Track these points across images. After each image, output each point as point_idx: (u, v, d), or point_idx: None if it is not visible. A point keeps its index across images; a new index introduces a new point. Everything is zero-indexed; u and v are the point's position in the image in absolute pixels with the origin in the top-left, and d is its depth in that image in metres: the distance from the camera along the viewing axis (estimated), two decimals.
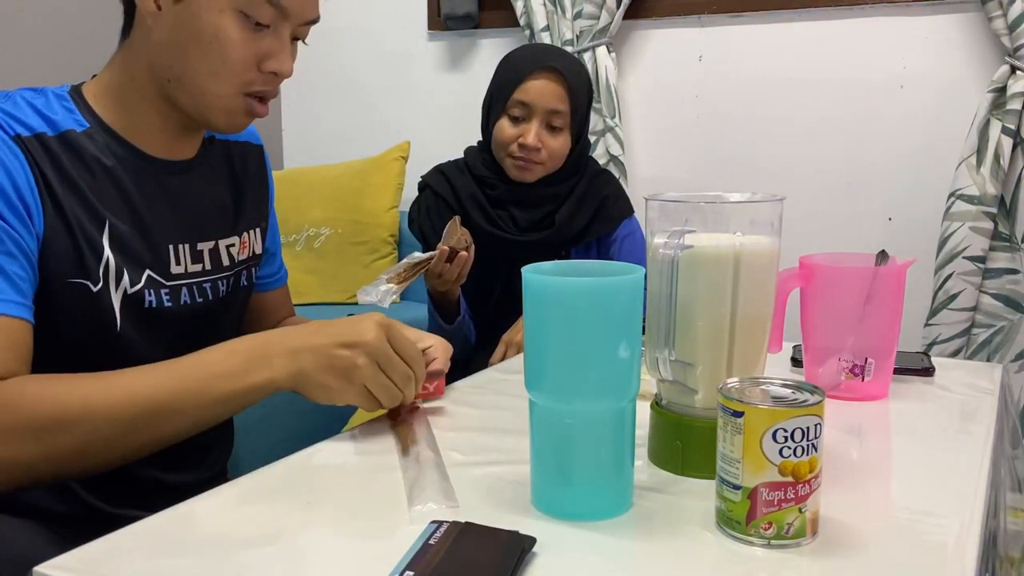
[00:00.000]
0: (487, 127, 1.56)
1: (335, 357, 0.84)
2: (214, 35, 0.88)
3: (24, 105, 0.89)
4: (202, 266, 1.00)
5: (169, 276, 0.96)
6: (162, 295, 0.95)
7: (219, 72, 0.90)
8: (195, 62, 0.89)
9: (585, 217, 1.56)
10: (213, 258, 1.02)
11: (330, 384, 0.84)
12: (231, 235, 1.05)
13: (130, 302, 0.92)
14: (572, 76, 1.50)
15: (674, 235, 0.77)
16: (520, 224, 1.54)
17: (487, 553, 0.62)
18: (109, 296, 0.90)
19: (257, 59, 0.91)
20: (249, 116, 0.95)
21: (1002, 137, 1.96)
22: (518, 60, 1.53)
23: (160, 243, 0.95)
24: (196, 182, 1.01)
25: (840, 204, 2.24)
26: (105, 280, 0.89)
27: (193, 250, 0.99)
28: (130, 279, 0.92)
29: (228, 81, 0.90)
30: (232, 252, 1.05)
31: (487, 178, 1.55)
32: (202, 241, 1.00)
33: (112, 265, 0.90)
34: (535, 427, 0.73)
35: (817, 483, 0.67)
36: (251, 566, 0.64)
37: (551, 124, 1.49)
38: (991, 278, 2.05)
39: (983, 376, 1.16)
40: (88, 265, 0.88)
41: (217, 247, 1.03)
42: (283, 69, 0.93)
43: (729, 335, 0.80)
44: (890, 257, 1.05)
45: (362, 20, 2.79)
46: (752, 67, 2.29)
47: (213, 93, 0.91)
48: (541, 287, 0.70)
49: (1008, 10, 1.94)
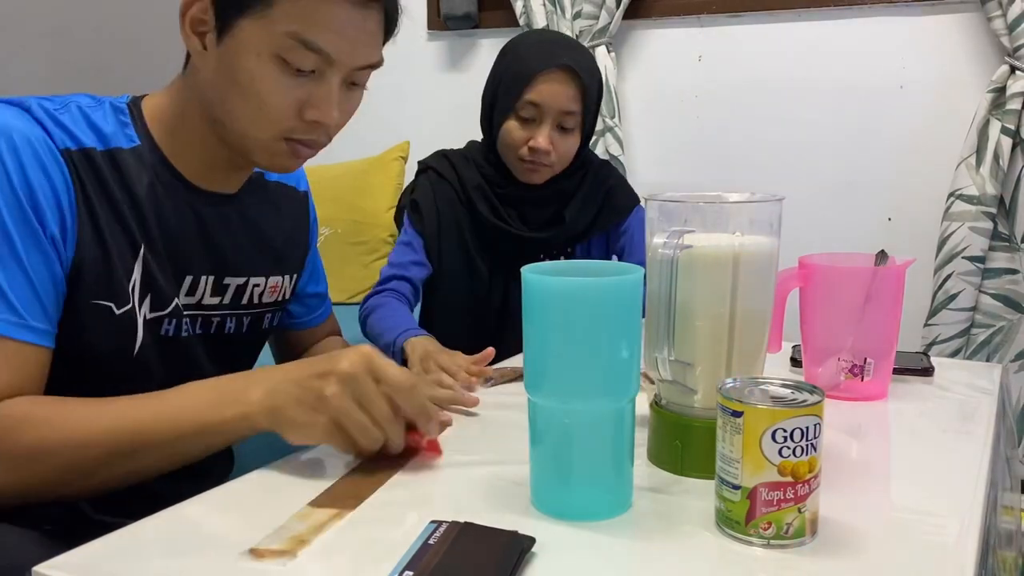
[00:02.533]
0: (490, 124, 1.48)
1: (305, 388, 0.77)
2: (251, 80, 0.85)
3: (78, 115, 0.87)
4: (220, 299, 0.99)
5: (180, 305, 0.95)
6: (180, 323, 0.95)
7: (256, 118, 0.87)
8: (234, 105, 0.87)
9: (592, 211, 1.52)
10: (236, 294, 1.01)
11: (298, 418, 0.77)
12: (262, 276, 1.04)
13: (151, 326, 0.91)
14: (586, 74, 1.41)
15: (673, 235, 0.77)
16: (528, 221, 1.51)
17: (486, 553, 0.62)
18: (134, 319, 0.89)
19: (298, 106, 0.87)
20: (294, 159, 0.92)
21: (1001, 137, 1.96)
22: (526, 54, 1.43)
23: (182, 271, 0.94)
24: (234, 216, 1.00)
25: (840, 204, 2.24)
26: (132, 302, 0.88)
27: (218, 283, 0.98)
28: (151, 304, 0.91)
29: (266, 127, 0.88)
30: (256, 292, 1.03)
31: (492, 176, 1.50)
32: (230, 276, 0.99)
33: (138, 288, 0.89)
34: (535, 427, 0.73)
35: (816, 483, 0.67)
36: (251, 566, 0.64)
37: (562, 125, 1.42)
38: (990, 278, 2.05)
39: (982, 376, 1.16)
40: (116, 287, 0.87)
41: (246, 284, 1.02)
42: (324, 118, 0.88)
43: (728, 335, 0.80)
44: (889, 257, 1.05)
45: None
46: (752, 67, 2.29)
47: (253, 137, 0.89)
48: (541, 287, 0.70)
49: (1008, 10, 1.94)
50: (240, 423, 0.79)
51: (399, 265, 1.49)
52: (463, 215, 1.51)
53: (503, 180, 1.49)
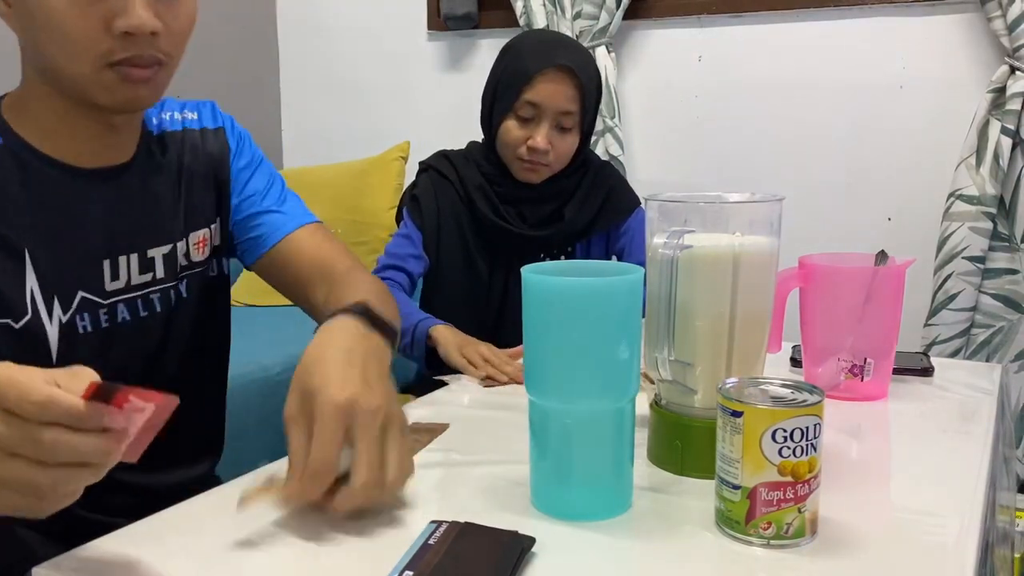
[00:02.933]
0: (490, 123, 1.49)
1: None
2: (46, 13, 0.78)
3: None
4: (153, 274, 0.93)
5: (104, 294, 0.89)
6: (100, 316, 0.88)
7: (68, 51, 0.80)
8: (47, 48, 0.81)
9: (592, 210, 1.53)
10: (168, 264, 0.95)
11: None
12: (186, 235, 0.97)
13: (66, 331, 0.85)
14: (584, 73, 1.42)
15: (673, 235, 0.77)
16: (528, 220, 1.51)
17: (487, 553, 0.62)
18: (42, 327, 0.83)
19: (103, 23, 0.79)
20: (130, 84, 0.83)
21: (1001, 137, 1.96)
22: (525, 54, 1.44)
23: (93, 259, 0.88)
24: (135, 186, 0.92)
25: (840, 204, 2.24)
26: (35, 312, 0.83)
27: (143, 259, 0.92)
28: (62, 306, 0.85)
29: (81, 57, 0.80)
30: (181, 254, 0.97)
31: (492, 175, 1.51)
32: (152, 247, 0.93)
33: (39, 296, 0.83)
34: (535, 427, 0.73)
35: (816, 483, 0.67)
36: (251, 566, 0.64)
37: (561, 125, 1.43)
38: (990, 278, 2.05)
39: (982, 376, 1.16)
40: (8, 302, 0.81)
41: (173, 251, 0.95)
42: (133, 23, 0.79)
43: (728, 335, 0.80)
44: (889, 257, 1.05)
45: (362, 20, 2.79)
46: (752, 68, 2.29)
47: (77, 73, 0.81)
48: (541, 287, 0.70)
49: (1007, 10, 1.94)
50: None
51: (397, 256, 1.49)
52: (463, 213, 1.51)
53: (503, 179, 1.50)
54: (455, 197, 1.52)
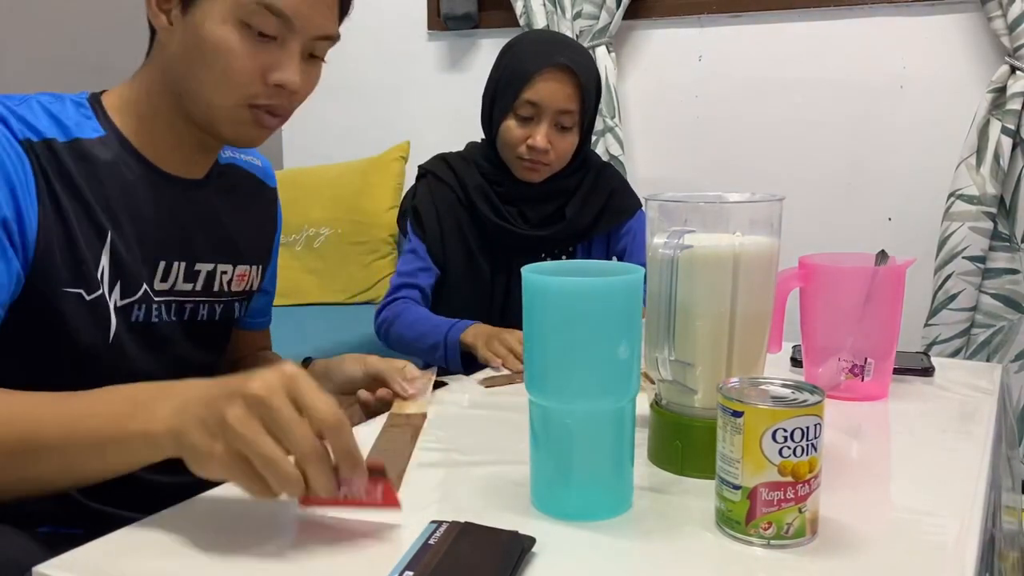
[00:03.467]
0: (490, 122, 1.50)
1: (210, 409, 0.64)
2: (215, 46, 0.87)
3: (39, 109, 0.88)
4: (193, 286, 0.99)
5: (153, 291, 0.95)
6: (151, 309, 0.95)
7: (221, 84, 0.89)
8: (200, 74, 0.89)
9: (593, 211, 1.53)
10: (207, 281, 1.01)
11: (198, 445, 0.64)
12: (229, 263, 1.04)
13: (122, 313, 0.91)
14: (583, 72, 1.43)
15: (673, 235, 0.77)
16: (529, 219, 1.52)
17: (487, 553, 0.62)
18: (106, 305, 0.89)
19: (262, 71, 0.90)
20: (258, 128, 0.93)
21: (1002, 137, 1.96)
22: (525, 54, 1.45)
23: (152, 257, 0.94)
24: (203, 202, 1.00)
25: (840, 204, 2.24)
26: (101, 288, 0.89)
27: (189, 269, 0.98)
28: (122, 291, 0.91)
29: (231, 93, 0.89)
30: (225, 280, 1.04)
31: (492, 175, 1.51)
32: (200, 262, 1.00)
33: (107, 275, 0.89)
34: (535, 427, 0.73)
35: (817, 483, 0.67)
36: (251, 566, 0.64)
37: (560, 124, 1.44)
38: (991, 278, 2.05)
39: (983, 376, 1.16)
40: (86, 273, 0.87)
41: (215, 271, 1.02)
42: (287, 80, 0.90)
43: (728, 335, 0.80)
44: (890, 257, 1.05)
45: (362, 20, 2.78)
46: (752, 67, 2.29)
47: (218, 105, 0.90)
48: (541, 287, 0.70)
49: (1008, 10, 1.94)
50: (141, 442, 0.67)
51: (407, 274, 1.51)
52: (463, 216, 1.52)
53: (503, 179, 1.50)
54: (454, 200, 1.52)
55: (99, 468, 0.71)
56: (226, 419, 0.62)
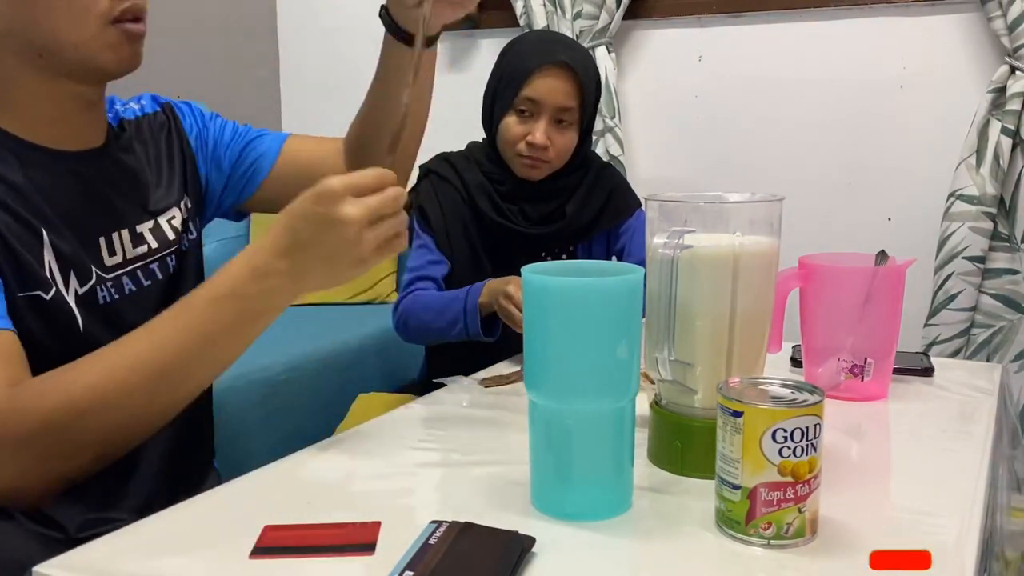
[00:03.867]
0: (490, 121, 1.52)
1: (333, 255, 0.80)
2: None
3: None
4: (147, 247, 0.97)
5: (106, 268, 0.93)
6: (109, 288, 0.93)
7: (74, 16, 0.84)
8: (46, 23, 0.84)
9: (594, 209, 1.54)
10: (158, 236, 0.99)
11: (342, 274, 0.81)
12: (170, 208, 1.02)
13: (85, 300, 0.90)
14: (582, 70, 1.45)
15: (674, 235, 0.77)
16: (530, 217, 1.52)
17: (487, 553, 0.62)
18: (64, 300, 0.88)
19: None
20: (130, 41, 0.88)
21: (1002, 137, 1.96)
22: (525, 52, 1.47)
23: (90, 237, 0.92)
24: (113, 166, 0.97)
25: (840, 204, 2.24)
26: (56, 286, 0.87)
27: (133, 234, 0.96)
28: (78, 279, 0.89)
29: (85, 20, 0.84)
30: (175, 224, 1.02)
31: (494, 174, 1.53)
32: (140, 223, 0.97)
33: (57, 270, 0.87)
34: (535, 427, 0.73)
35: (816, 483, 0.67)
36: (251, 566, 0.64)
37: (560, 121, 1.45)
38: (991, 278, 2.05)
39: (982, 376, 1.16)
40: (35, 275, 0.85)
41: (158, 224, 1.00)
42: None
43: (728, 335, 0.80)
44: (890, 257, 1.05)
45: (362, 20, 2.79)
46: (752, 67, 2.29)
47: (82, 40, 0.85)
48: (541, 287, 0.70)
49: (1008, 10, 1.94)
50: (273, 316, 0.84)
51: (419, 268, 1.52)
52: (467, 213, 1.53)
53: (505, 177, 1.51)
54: (457, 198, 1.53)
55: (238, 355, 0.85)
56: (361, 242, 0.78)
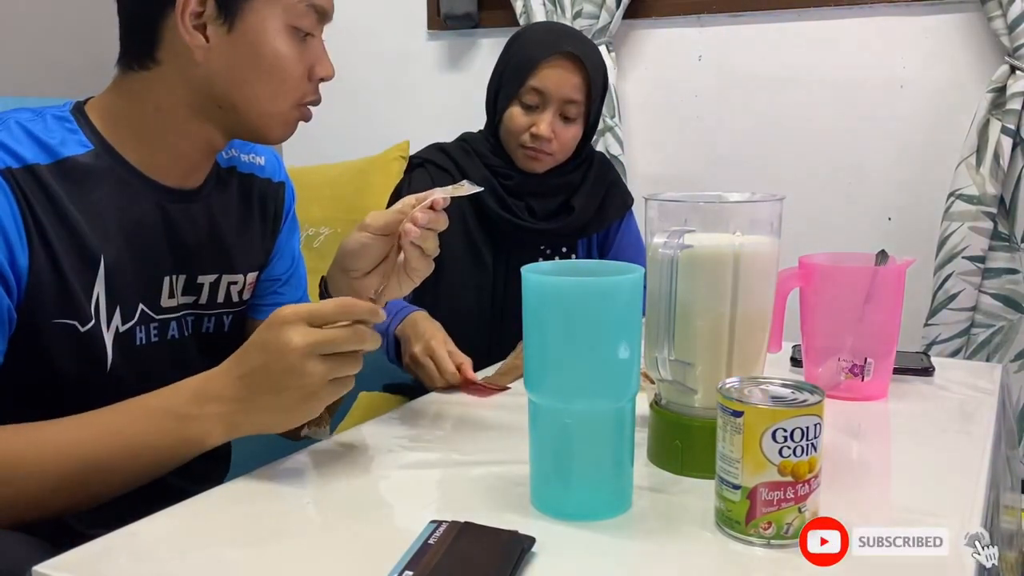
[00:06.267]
0: (494, 111, 1.49)
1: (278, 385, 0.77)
2: (274, 57, 0.88)
3: (18, 131, 0.83)
4: (195, 299, 0.97)
5: (159, 310, 0.92)
6: (151, 330, 0.92)
7: (279, 92, 0.89)
8: (256, 88, 0.88)
9: (596, 205, 1.53)
10: (211, 292, 0.98)
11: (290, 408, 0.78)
12: (239, 272, 1.01)
13: (122, 340, 0.88)
14: (590, 63, 1.42)
15: (673, 235, 0.77)
16: (537, 213, 1.51)
17: (486, 553, 0.62)
18: (101, 335, 0.86)
19: (307, 71, 0.91)
20: (300, 122, 0.95)
21: (1002, 137, 1.96)
22: (532, 42, 1.44)
23: (155, 275, 0.91)
24: (201, 212, 0.96)
25: (840, 204, 2.24)
26: (96, 319, 0.85)
27: (190, 282, 0.96)
28: (122, 316, 0.88)
29: (287, 99, 0.90)
30: (236, 291, 1.01)
31: (499, 167, 1.50)
32: (203, 274, 0.97)
33: (103, 304, 0.86)
34: (535, 427, 0.73)
35: (817, 483, 0.67)
36: (251, 566, 0.64)
37: (565, 114, 1.43)
38: (991, 278, 2.05)
39: (983, 376, 1.16)
40: (77, 305, 0.84)
41: (219, 281, 0.99)
42: (330, 73, 0.93)
43: (728, 335, 0.80)
44: (890, 257, 1.05)
45: (361, 19, 2.79)
46: (752, 67, 2.29)
47: (274, 113, 0.91)
48: (541, 287, 0.70)
49: (1008, 10, 1.94)
50: (199, 443, 0.80)
51: None
52: (467, 207, 1.50)
53: (511, 171, 1.49)
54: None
55: (156, 475, 0.81)
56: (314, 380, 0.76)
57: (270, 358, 0.77)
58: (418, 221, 0.87)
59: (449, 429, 0.98)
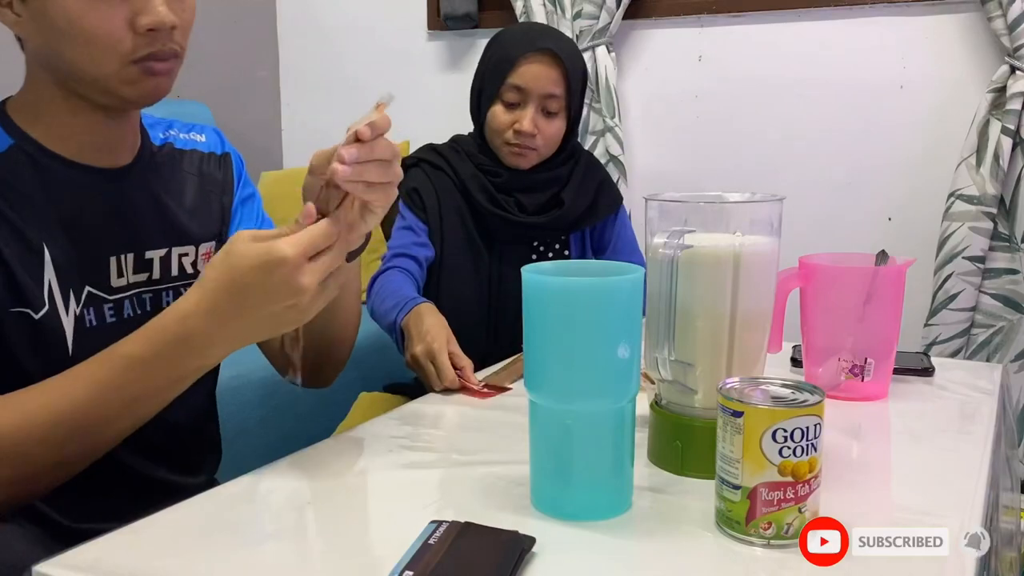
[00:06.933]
0: (478, 112, 1.52)
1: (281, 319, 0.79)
2: (69, 21, 0.81)
3: None
4: (148, 275, 0.95)
5: (110, 290, 0.91)
6: (105, 311, 0.91)
7: (94, 54, 0.82)
8: (69, 52, 0.83)
9: (587, 200, 1.55)
10: (163, 267, 0.97)
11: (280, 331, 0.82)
12: (190, 244, 1.00)
13: (79, 324, 0.88)
14: (567, 58, 1.46)
15: (674, 235, 0.77)
16: (526, 208, 1.52)
17: (487, 553, 0.62)
18: (59, 321, 0.86)
19: (126, 22, 0.82)
20: (152, 77, 0.86)
21: (1002, 137, 1.96)
22: (510, 42, 1.48)
23: (101, 255, 0.90)
24: (137, 188, 0.95)
25: (840, 204, 2.24)
26: (52, 305, 0.85)
27: (139, 259, 0.94)
28: (76, 300, 0.87)
29: (109, 58, 0.82)
30: (186, 262, 0.99)
31: (486, 165, 1.52)
32: (150, 249, 0.95)
33: (57, 290, 0.85)
34: (535, 427, 0.73)
35: (817, 483, 0.67)
36: (251, 566, 0.64)
37: (547, 109, 1.46)
38: (991, 278, 2.05)
39: (983, 376, 1.16)
40: (28, 293, 0.84)
41: (169, 255, 0.97)
42: (156, 19, 0.82)
43: (729, 335, 0.80)
44: (890, 257, 1.05)
45: (362, 19, 2.79)
46: (752, 67, 2.29)
47: (103, 75, 0.83)
48: (541, 287, 0.70)
49: (1008, 10, 1.94)
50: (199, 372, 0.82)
51: (402, 246, 1.49)
52: (462, 203, 1.52)
53: (499, 169, 1.52)
54: (452, 187, 1.53)
55: (162, 406, 0.82)
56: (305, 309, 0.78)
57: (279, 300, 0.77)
58: (344, 158, 0.83)
59: (449, 429, 0.98)
